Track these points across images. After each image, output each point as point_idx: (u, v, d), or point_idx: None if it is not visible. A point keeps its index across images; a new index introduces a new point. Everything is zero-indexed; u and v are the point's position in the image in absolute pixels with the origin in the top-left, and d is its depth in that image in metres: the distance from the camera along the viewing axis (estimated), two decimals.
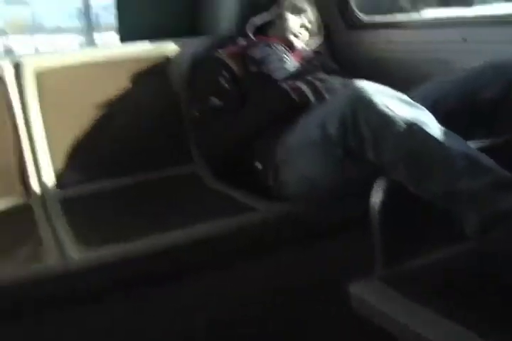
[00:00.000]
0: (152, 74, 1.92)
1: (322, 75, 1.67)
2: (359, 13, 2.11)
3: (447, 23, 1.79)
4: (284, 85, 1.61)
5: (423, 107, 1.18)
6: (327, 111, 1.32)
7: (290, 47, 1.87)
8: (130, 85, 1.88)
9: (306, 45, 1.93)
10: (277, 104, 1.59)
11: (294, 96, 1.58)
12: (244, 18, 1.92)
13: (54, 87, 1.80)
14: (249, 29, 1.88)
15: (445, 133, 1.10)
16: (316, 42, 1.96)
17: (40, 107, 1.78)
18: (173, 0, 2.24)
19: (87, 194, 1.78)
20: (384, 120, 1.14)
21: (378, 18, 2.07)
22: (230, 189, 1.71)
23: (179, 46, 1.95)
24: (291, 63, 1.79)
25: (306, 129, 1.39)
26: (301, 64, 1.81)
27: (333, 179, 1.39)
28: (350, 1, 2.11)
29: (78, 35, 12.56)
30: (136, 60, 1.91)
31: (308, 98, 1.57)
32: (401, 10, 2.26)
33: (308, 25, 1.91)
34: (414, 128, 1.11)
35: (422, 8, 2.24)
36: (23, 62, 1.77)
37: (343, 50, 2.14)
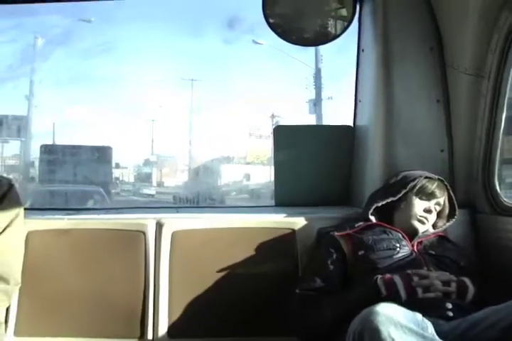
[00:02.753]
0: (278, 244, 2.01)
1: (425, 271, 1.61)
2: (504, 198, 1.98)
3: None
4: (379, 279, 1.59)
5: (437, 339, 1.13)
6: (353, 322, 1.30)
7: (411, 233, 1.80)
8: (256, 253, 1.99)
9: (434, 227, 1.86)
10: (366, 297, 1.55)
11: (383, 291, 1.55)
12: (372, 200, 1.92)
13: (186, 246, 2.00)
14: (371, 211, 1.86)
15: None
16: (445, 224, 1.88)
17: (171, 262, 1.98)
18: (330, 173, 2.38)
19: None
20: None
21: None
22: None
23: (306, 220, 2.02)
24: (403, 253, 1.73)
25: None
26: (414, 253, 1.74)
27: None
28: (496, 185, 2.00)
29: None
30: (263, 229, 2.02)
31: (398, 293, 1.52)
32: None
33: (437, 208, 1.84)
34: None
35: None
36: (164, 222, 2.02)
37: (484, 234, 2.02)
